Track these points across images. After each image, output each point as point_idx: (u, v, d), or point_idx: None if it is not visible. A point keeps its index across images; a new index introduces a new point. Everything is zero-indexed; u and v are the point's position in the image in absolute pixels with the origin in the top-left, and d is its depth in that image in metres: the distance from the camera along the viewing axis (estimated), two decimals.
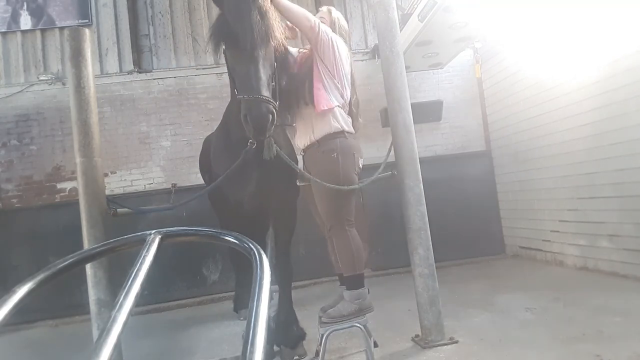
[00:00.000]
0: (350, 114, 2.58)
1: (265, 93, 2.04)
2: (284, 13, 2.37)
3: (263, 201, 2.68)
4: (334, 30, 2.56)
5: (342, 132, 2.43)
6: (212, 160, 2.97)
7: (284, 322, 2.78)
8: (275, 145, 2.37)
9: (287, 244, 2.85)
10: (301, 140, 2.55)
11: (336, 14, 2.67)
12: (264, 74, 2.09)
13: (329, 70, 2.41)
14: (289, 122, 2.65)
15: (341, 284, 2.67)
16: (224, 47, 2.22)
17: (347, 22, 2.74)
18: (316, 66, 2.42)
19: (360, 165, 2.56)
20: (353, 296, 2.41)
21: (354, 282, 2.44)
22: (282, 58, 2.40)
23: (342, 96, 2.48)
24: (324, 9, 2.73)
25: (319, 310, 2.61)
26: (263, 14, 2.12)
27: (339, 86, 2.45)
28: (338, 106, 2.44)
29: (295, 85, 2.52)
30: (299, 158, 2.73)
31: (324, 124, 2.42)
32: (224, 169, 2.55)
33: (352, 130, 2.52)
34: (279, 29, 2.22)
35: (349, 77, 2.55)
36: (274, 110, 2.05)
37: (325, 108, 2.38)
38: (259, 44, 2.08)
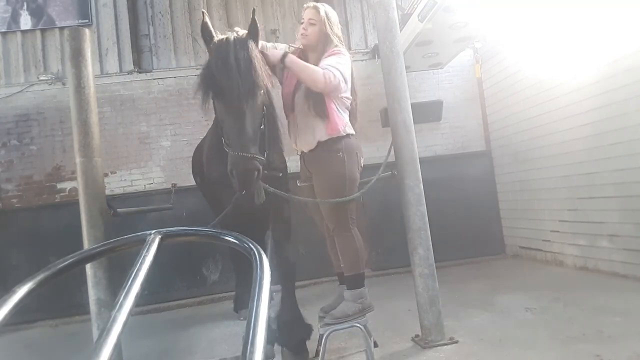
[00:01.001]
0: (350, 114, 2.57)
1: (252, 150, 2.03)
2: (296, 73, 2.33)
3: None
4: (325, 29, 2.45)
5: (347, 135, 2.47)
6: (206, 167, 2.93)
7: (288, 321, 2.68)
8: (264, 188, 2.31)
9: (286, 236, 2.78)
10: (303, 143, 2.52)
11: (324, 9, 2.49)
12: (251, 128, 2.06)
13: (341, 98, 2.43)
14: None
15: (340, 283, 2.67)
16: (211, 95, 2.16)
17: (347, 22, 2.69)
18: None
19: (362, 164, 2.58)
20: (355, 295, 2.42)
21: (355, 281, 2.44)
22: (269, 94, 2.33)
23: (347, 109, 2.50)
24: (310, 4, 2.53)
25: (319, 310, 2.61)
26: (250, 65, 2.03)
27: (345, 101, 2.48)
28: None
29: (296, 92, 2.50)
30: (297, 159, 2.73)
31: (330, 130, 2.42)
32: (218, 175, 2.52)
33: (353, 131, 2.53)
34: (267, 76, 2.13)
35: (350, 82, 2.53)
36: (260, 167, 2.04)
37: (342, 129, 2.40)
38: (245, 98, 2.03)
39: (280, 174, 2.61)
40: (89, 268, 2.50)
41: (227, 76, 2.02)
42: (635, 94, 3.34)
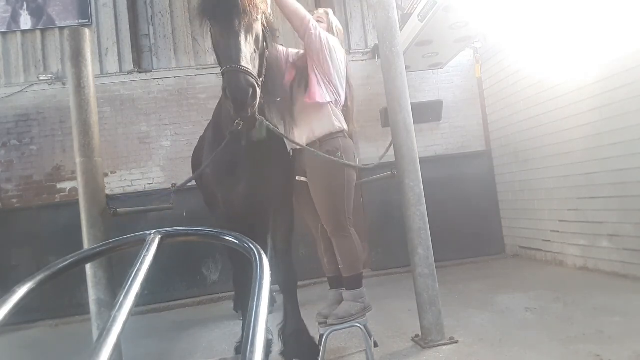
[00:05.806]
0: (345, 115, 2.57)
1: (245, 64, 1.94)
2: (277, 2, 2.32)
3: (256, 201, 2.55)
4: (331, 33, 2.55)
5: (342, 131, 2.47)
6: (204, 157, 2.84)
7: (294, 333, 2.57)
8: (266, 122, 2.25)
9: (287, 242, 2.71)
10: (301, 137, 2.50)
11: (333, 17, 2.68)
12: (245, 45, 2.00)
13: (322, 67, 2.40)
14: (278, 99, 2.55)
15: (331, 287, 2.62)
16: (209, 24, 2.13)
17: (347, 22, 2.73)
18: (310, 60, 2.42)
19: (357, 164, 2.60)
20: (356, 295, 2.43)
21: (355, 281, 2.45)
22: (273, 50, 2.34)
23: (336, 94, 2.47)
24: (320, 10, 2.72)
25: (317, 315, 2.53)
26: None
27: (333, 84, 2.44)
28: (331, 103, 2.43)
29: (295, 79, 2.52)
30: (290, 154, 2.71)
31: (325, 121, 2.42)
32: (215, 164, 2.48)
33: (346, 127, 2.53)
34: (263, 1, 2.14)
35: (344, 78, 2.53)
36: (255, 84, 1.95)
37: (319, 101, 2.37)
38: (238, 13, 1.99)
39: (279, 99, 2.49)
40: (89, 268, 2.49)
41: None
42: (635, 94, 3.34)
